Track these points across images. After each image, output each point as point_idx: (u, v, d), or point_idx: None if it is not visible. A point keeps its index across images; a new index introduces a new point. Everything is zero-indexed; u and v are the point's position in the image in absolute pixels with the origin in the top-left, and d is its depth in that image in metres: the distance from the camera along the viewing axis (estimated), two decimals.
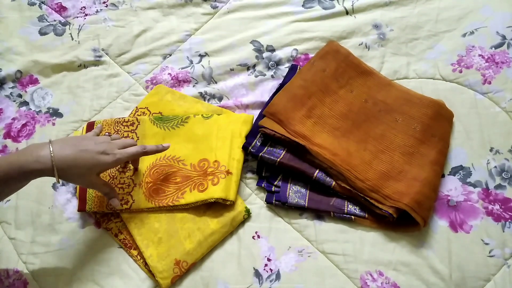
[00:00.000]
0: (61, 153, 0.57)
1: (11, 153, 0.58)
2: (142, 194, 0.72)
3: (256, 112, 0.82)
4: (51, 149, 0.57)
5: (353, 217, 0.70)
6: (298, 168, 0.71)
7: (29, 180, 0.59)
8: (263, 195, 0.75)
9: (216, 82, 0.86)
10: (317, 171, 0.71)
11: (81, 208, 0.72)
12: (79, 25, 0.95)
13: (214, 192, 0.70)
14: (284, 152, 0.73)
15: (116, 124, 0.79)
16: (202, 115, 0.80)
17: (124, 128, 0.79)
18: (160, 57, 0.90)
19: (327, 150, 0.71)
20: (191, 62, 0.89)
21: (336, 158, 0.71)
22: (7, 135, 0.83)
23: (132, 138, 0.78)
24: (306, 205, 0.70)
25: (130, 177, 0.74)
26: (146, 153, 0.67)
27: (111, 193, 0.67)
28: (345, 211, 0.70)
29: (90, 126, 0.79)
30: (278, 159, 0.72)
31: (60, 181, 0.77)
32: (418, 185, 0.68)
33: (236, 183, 0.73)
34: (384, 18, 0.90)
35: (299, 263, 0.69)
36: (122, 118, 0.80)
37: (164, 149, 0.70)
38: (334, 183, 0.70)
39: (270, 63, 0.87)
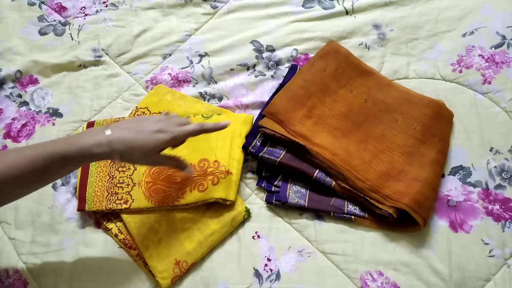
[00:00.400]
0: (119, 136, 0.57)
1: (68, 136, 0.58)
2: (142, 193, 0.72)
3: (256, 112, 0.82)
4: (109, 133, 0.57)
5: (353, 217, 0.70)
6: (298, 168, 0.71)
7: (88, 162, 0.59)
8: (263, 195, 0.75)
9: (216, 82, 0.86)
10: (317, 171, 0.71)
11: (81, 208, 0.72)
12: (79, 25, 0.95)
13: (214, 192, 0.70)
14: (284, 152, 0.73)
15: None
16: (202, 115, 0.80)
17: None
18: (160, 57, 0.90)
19: (327, 150, 0.71)
20: (191, 62, 0.89)
21: (336, 158, 0.71)
22: (7, 135, 0.83)
23: None
24: (306, 205, 0.70)
25: (130, 176, 0.74)
26: (204, 131, 0.64)
27: (180, 165, 0.66)
28: (345, 211, 0.70)
29: (90, 126, 0.79)
30: (278, 159, 0.72)
31: (62, 178, 0.78)
32: (418, 185, 0.68)
33: (236, 183, 0.73)
34: (384, 18, 0.90)
35: (299, 263, 0.69)
36: (122, 117, 0.80)
37: (223, 126, 0.66)
38: (334, 183, 0.70)
39: (270, 63, 0.87)
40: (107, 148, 0.56)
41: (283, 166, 0.72)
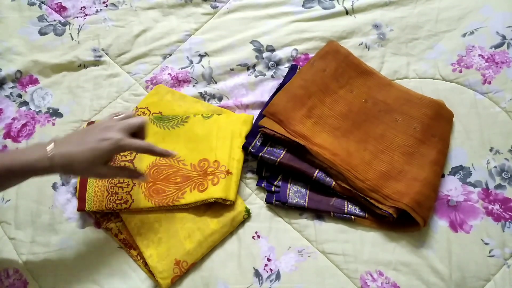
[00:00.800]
0: (61, 151, 0.56)
1: (16, 150, 0.58)
2: (142, 193, 0.72)
3: (256, 112, 0.82)
4: (51, 148, 0.56)
5: (353, 217, 0.70)
6: (298, 168, 0.71)
7: (32, 177, 0.58)
8: (263, 195, 0.75)
9: (216, 82, 0.86)
10: (317, 171, 0.71)
11: (81, 208, 0.72)
12: (79, 25, 0.95)
13: (214, 192, 0.70)
14: (284, 152, 0.73)
15: None
16: (202, 115, 0.80)
17: None
18: (160, 57, 0.90)
19: (327, 150, 0.71)
20: (191, 62, 0.89)
21: (336, 158, 0.71)
22: (7, 135, 0.83)
23: None
24: (306, 205, 0.70)
25: None
26: (151, 152, 0.61)
27: (133, 174, 0.64)
28: (345, 211, 0.70)
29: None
30: (278, 159, 0.72)
31: (62, 178, 0.78)
32: (418, 185, 0.68)
33: (236, 183, 0.73)
34: (384, 18, 0.90)
35: (299, 263, 0.69)
36: None
37: (171, 155, 0.62)
38: (334, 183, 0.70)
39: (270, 63, 0.87)
40: (47, 163, 0.56)
41: (283, 166, 0.72)
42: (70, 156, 0.56)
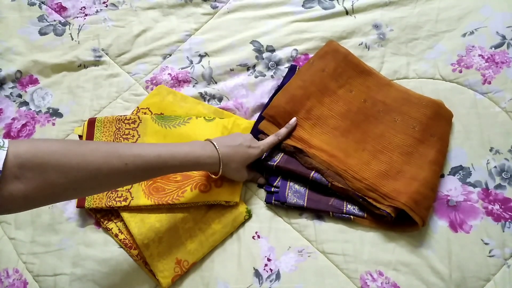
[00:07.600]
0: (223, 150, 0.65)
1: (176, 144, 0.64)
2: (142, 191, 0.73)
3: (256, 113, 0.82)
4: (217, 147, 0.64)
5: (352, 217, 0.70)
6: (295, 170, 0.71)
7: (194, 170, 0.68)
8: (263, 195, 0.75)
9: (216, 83, 0.86)
10: (313, 172, 0.71)
11: (80, 205, 0.72)
12: (79, 25, 0.95)
13: (218, 194, 0.71)
14: (282, 155, 0.73)
15: (118, 121, 0.79)
16: (204, 117, 0.80)
17: (125, 125, 0.79)
18: (160, 57, 0.90)
19: (325, 152, 0.72)
20: (191, 62, 0.89)
21: (333, 160, 0.71)
22: (7, 135, 0.83)
23: (133, 135, 0.78)
24: (305, 205, 0.70)
25: None
26: (281, 139, 0.73)
27: (255, 177, 0.75)
28: (344, 211, 0.70)
29: (91, 123, 0.79)
30: (275, 164, 0.72)
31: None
32: (416, 184, 0.68)
33: (239, 185, 0.73)
34: (384, 18, 0.90)
35: (299, 263, 0.69)
36: (124, 115, 0.80)
37: (292, 127, 0.74)
38: (330, 183, 0.70)
39: (270, 63, 0.87)
40: (217, 160, 0.64)
41: (281, 169, 0.72)
42: (230, 156, 0.66)
